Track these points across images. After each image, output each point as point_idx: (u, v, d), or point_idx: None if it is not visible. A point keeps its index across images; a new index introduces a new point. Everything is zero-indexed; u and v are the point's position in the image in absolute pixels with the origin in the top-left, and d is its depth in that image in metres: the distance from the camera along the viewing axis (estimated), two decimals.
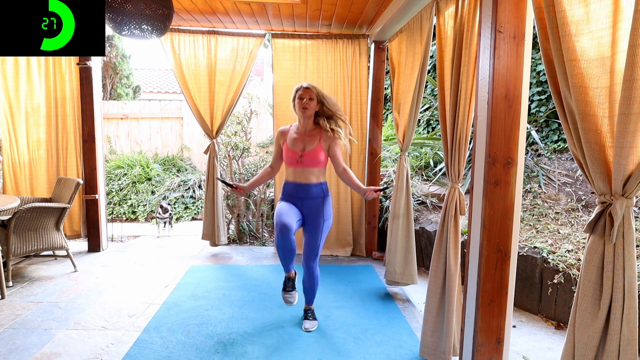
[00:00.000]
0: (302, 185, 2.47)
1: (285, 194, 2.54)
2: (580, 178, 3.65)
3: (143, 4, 2.39)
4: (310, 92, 2.43)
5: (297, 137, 2.50)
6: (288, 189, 2.52)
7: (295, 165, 2.46)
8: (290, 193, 2.50)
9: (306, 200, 2.47)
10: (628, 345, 1.18)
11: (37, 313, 2.76)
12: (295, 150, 2.46)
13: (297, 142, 2.48)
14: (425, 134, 5.66)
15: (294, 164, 2.46)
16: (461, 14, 2.07)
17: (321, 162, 2.47)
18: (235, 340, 2.48)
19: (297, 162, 2.45)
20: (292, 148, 2.47)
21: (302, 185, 2.46)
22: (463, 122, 2.06)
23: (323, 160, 2.48)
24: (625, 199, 1.18)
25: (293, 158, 2.45)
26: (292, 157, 2.46)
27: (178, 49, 3.98)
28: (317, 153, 2.44)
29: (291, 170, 2.50)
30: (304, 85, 2.46)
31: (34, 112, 4.08)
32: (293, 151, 2.46)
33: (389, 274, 3.27)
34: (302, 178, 2.46)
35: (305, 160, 2.43)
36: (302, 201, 2.47)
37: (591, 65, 1.23)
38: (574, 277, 2.72)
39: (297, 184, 2.48)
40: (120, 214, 5.96)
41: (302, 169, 2.45)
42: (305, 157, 2.43)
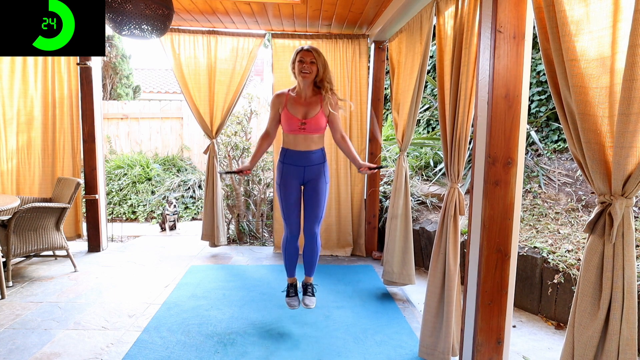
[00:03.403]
0: (303, 153, 2.43)
1: (285, 162, 2.47)
2: (580, 178, 3.65)
3: (143, 4, 2.39)
4: (311, 56, 2.35)
5: (297, 102, 2.42)
6: (289, 157, 2.46)
7: (296, 132, 2.40)
8: (291, 161, 2.45)
9: (308, 167, 2.45)
10: (627, 345, 1.18)
11: (37, 313, 2.76)
12: (296, 116, 2.39)
13: (298, 108, 2.41)
14: (425, 134, 5.66)
15: (296, 130, 2.40)
16: (461, 14, 2.07)
17: (322, 128, 2.44)
18: (235, 340, 2.48)
19: (299, 128, 2.38)
20: (293, 114, 2.40)
21: (304, 153, 2.43)
22: (463, 122, 2.06)
23: (324, 126, 2.46)
24: (624, 199, 1.18)
25: (295, 125, 2.39)
26: (294, 123, 2.39)
27: (178, 49, 3.98)
28: (319, 119, 2.40)
29: (292, 137, 2.43)
30: (304, 47, 2.37)
31: (27, 111, 4.04)
32: (295, 117, 2.39)
33: (387, 274, 3.27)
34: (303, 145, 2.42)
35: (308, 127, 2.38)
36: (304, 168, 2.44)
37: (591, 65, 1.23)
38: (574, 277, 2.72)
39: (298, 152, 2.43)
40: (120, 214, 5.97)
41: (304, 135, 2.40)
42: (308, 124, 2.38)
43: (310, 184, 2.48)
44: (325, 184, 2.51)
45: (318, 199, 2.48)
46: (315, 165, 2.47)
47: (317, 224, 2.52)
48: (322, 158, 2.51)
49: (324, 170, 2.51)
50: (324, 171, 2.52)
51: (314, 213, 2.50)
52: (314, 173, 2.47)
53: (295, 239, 2.56)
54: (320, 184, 2.48)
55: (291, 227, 2.52)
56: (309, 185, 2.48)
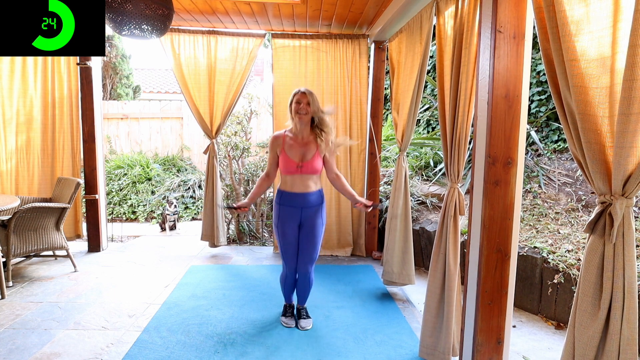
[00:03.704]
0: (301, 195, 2.45)
1: (282, 204, 2.49)
2: (580, 178, 3.65)
3: (143, 4, 2.39)
4: (307, 98, 2.39)
5: (294, 144, 2.45)
6: (286, 199, 2.48)
7: (294, 173, 2.43)
8: (289, 203, 2.47)
9: (305, 209, 2.47)
10: (628, 345, 1.18)
11: (37, 313, 2.76)
12: (293, 159, 2.42)
13: (295, 150, 2.44)
14: (425, 134, 5.66)
15: (293, 172, 2.43)
16: (461, 14, 2.07)
17: (319, 170, 2.48)
18: (235, 340, 2.48)
19: (296, 170, 2.42)
20: (290, 157, 2.43)
21: (302, 195, 2.45)
22: (463, 122, 2.06)
23: (321, 167, 2.50)
24: (625, 199, 1.18)
25: (292, 167, 2.42)
26: (291, 166, 2.42)
27: (178, 49, 3.98)
28: (315, 160, 2.43)
29: (289, 179, 2.46)
30: (301, 90, 2.42)
31: (27, 111, 4.03)
32: (292, 160, 2.42)
33: (387, 274, 3.27)
34: (301, 187, 2.44)
35: (304, 169, 2.42)
36: (301, 210, 2.46)
37: (591, 65, 1.23)
38: (574, 277, 2.72)
39: (294, 194, 2.45)
40: (120, 214, 5.97)
41: (300, 176, 2.43)
42: (305, 166, 2.41)
43: (306, 225, 2.49)
44: (321, 225, 2.53)
45: (314, 240, 2.50)
46: (312, 207, 2.48)
47: (311, 264, 2.56)
48: (320, 199, 2.52)
49: (321, 211, 2.52)
50: (321, 213, 2.53)
51: (308, 254, 2.53)
52: (311, 214, 2.48)
53: (294, 275, 2.62)
54: (317, 225, 2.50)
55: (289, 265, 2.57)
56: (306, 226, 2.50)
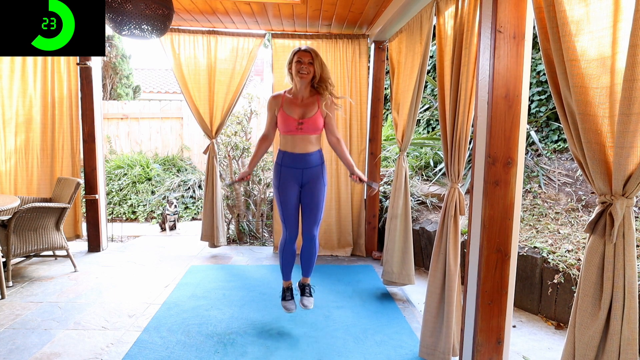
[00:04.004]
0: (301, 155, 2.40)
1: (283, 165, 2.44)
2: (580, 178, 3.65)
3: (143, 4, 2.39)
4: (309, 56, 2.32)
5: (293, 103, 2.39)
6: (287, 160, 2.43)
7: (293, 133, 2.37)
8: (288, 164, 2.42)
9: (306, 170, 2.42)
10: (628, 345, 1.18)
11: (37, 313, 2.76)
12: (293, 116, 2.36)
13: (294, 109, 2.38)
14: (425, 134, 5.66)
15: (293, 131, 2.37)
16: (461, 14, 2.07)
17: (320, 128, 2.42)
18: (235, 340, 2.48)
19: (296, 129, 2.35)
20: (290, 115, 2.37)
21: (302, 155, 2.40)
22: (463, 122, 2.06)
23: (322, 127, 2.43)
24: (625, 199, 1.18)
25: (292, 125, 2.36)
26: (291, 124, 2.36)
27: (178, 49, 3.98)
28: (316, 119, 2.37)
29: (289, 138, 2.40)
30: (302, 48, 2.34)
31: (26, 111, 4.03)
32: (291, 118, 2.36)
33: (387, 274, 3.27)
34: (300, 147, 2.39)
35: (305, 127, 2.35)
36: (302, 171, 2.42)
37: (591, 65, 1.23)
38: (574, 277, 2.72)
39: (295, 155, 2.40)
40: (120, 214, 5.97)
41: (301, 136, 2.37)
42: (305, 124, 2.35)
43: (309, 187, 2.45)
44: (323, 186, 2.48)
45: (317, 201, 2.45)
46: (313, 167, 2.44)
47: (315, 226, 2.51)
48: (320, 160, 2.48)
49: (322, 172, 2.48)
50: (322, 173, 2.49)
51: (313, 216, 2.48)
52: (312, 175, 2.44)
53: (293, 242, 2.55)
54: (319, 186, 2.46)
55: (290, 230, 2.50)
56: (307, 188, 2.45)
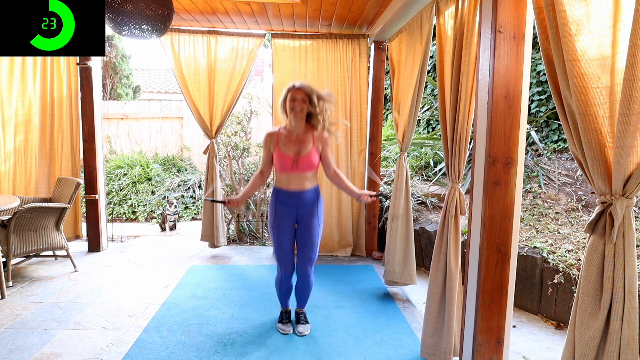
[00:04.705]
0: (297, 193, 2.38)
1: (278, 203, 2.43)
2: (580, 178, 3.65)
3: (143, 4, 2.39)
4: (302, 94, 2.30)
5: (289, 140, 2.37)
6: (282, 198, 2.41)
7: (289, 171, 2.35)
8: (284, 202, 2.41)
9: (301, 208, 2.40)
10: (628, 345, 1.18)
11: (37, 313, 2.76)
12: (288, 154, 2.34)
13: (290, 146, 2.36)
14: (425, 134, 5.66)
15: (288, 169, 2.35)
16: (461, 14, 2.07)
17: (315, 166, 2.40)
18: (235, 340, 2.48)
19: (291, 167, 2.34)
20: (285, 153, 2.35)
21: (297, 193, 2.38)
22: (463, 122, 2.06)
23: (317, 164, 2.41)
24: (625, 199, 1.18)
25: (287, 163, 2.34)
26: (286, 162, 2.34)
27: (178, 49, 3.98)
28: (311, 157, 2.35)
29: (284, 177, 2.38)
30: (296, 85, 2.32)
31: (25, 111, 4.02)
32: (287, 156, 2.34)
33: (388, 274, 3.27)
34: (296, 185, 2.37)
35: (300, 165, 2.33)
36: (297, 209, 2.40)
37: (591, 65, 1.23)
38: (574, 277, 2.72)
39: (291, 192, 2.38)
40: (120, 214, 5.97)
41: (296, 174, 2.35)
42: (300, 162, 2.33)
43: (303, 224, 2.43)
44: (318, 224, 2.46)
45: (311, 240, 2.44)
46: (308, 204, 2.41)
47: (310, 265, 2.50)
48: (316, 197, 2.46)
49: (317, 210, 2.45)
50: (318, 211, 2.46)
51: (307, 255, 2.47)
52: (307, 212, 2.42)
53: (289, 279, 2.56)
54: (313, 224, 2.43)
55: (285, 268, 2.50)
56: (302, 225, 2.44)
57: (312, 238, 2.44)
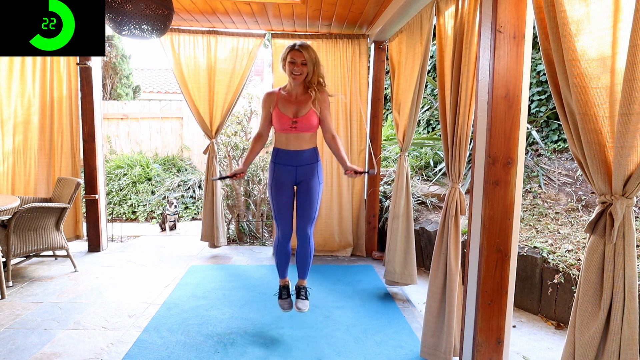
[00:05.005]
0: (295, 152, 2.39)
1: (277, 162, 2.44)
2: (580, 178, 3.65)
3: (143, 4, 2.39)
4: (302, 57, 2.29)
5: (288, 101, 2.38)
6: (281, 157, 2.42)
7: (288, 131, 2.36)
8: (283, 161, 2.42)
9: (300, 167, 2.41)
10: (629, 345, 1.18)
11: (37, 313, 2.76)
12: (288, 115, 2.35)
13: (289, 107, 2.37)
14: (425, 134, 5.66)
15: (287, 129, 2.35)
16: (461, 14, 2.07)
17: (314, 127, 2.40)
18: (235, 340, 2.47)
19: (290, 127, 2.34)
20: (284, 113, 2.35)
21: (296, 152, 2.39)
22: (463, 122, 2.06)
23: (316, 125, 2.41)
24: (625, 199, 1.18)
25: (286, 123, 2.34)
26: (285, 122, 2.35)
27: (178, 49, 3.98)
28: (310, 117, 2.36)
29: (284, 136, 2.40)
30: (296, 46, 2.30)
31: (25, 111, 4.01)
32: (286, 116, 2.35)
33: (389, 274, 3.27)
34: (295, 145, 2.38)
35: (299, 125, 2.34)
36: (296, 168, 2.41)
37: (591, 65, 1.23)
38: (574, 277, 2.72)
39: (290, 152, 2.39)
40: (120, 214, 5.97)
41: (295, 134, 2.37)
42: (299, 122, 2.34)
43: (303, 184, 2.44)
44: (318, 184, 2.46)
45: (311, 199, 2.43)
46: (307, 165, 2.43)
47: (310, 225, 2.48)
48: (315, 157, 2.47)
49: (316, 170, 2.47)
50: (317, 171, 2.47)
51: (307, 214, 2.45)
52: (306, 173, 2.43)
53: (287, 241, 2.54)
54: (313, 183, 2.44)
55: (283, 228, 2.49)
56: (302, 186, 2.44)
57: (312, 197, 2.43)
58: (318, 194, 2.46)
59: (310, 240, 2.51)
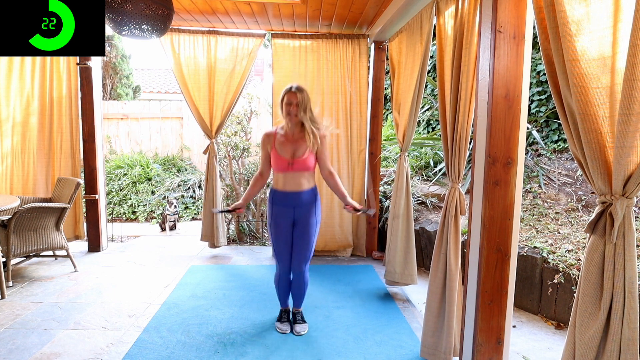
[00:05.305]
0: (293, 194, 2.40)
1: (276, 203, 2.45)
2: (580, 178, 3.65)
3: (143, 4, 2.39)
4: (297, 98, 2.32)
5: (285, 141, 2.40)
6: (279, 198, 2.44)
7: (285, 171, 2.38)
8: (281, 202, 2.43)
9: (298, 208, 2.42)
10: (629, 345, 1.18)
11: (37, 313, 2.76)
12: (284, 156, 2.37)
13: (286, 147, 2.39)
14: (425, 134, 5.66)
15: (284, 169, 2.38)
16: (461, 14, 2.07)
17: (311, 167, 2.42)
18: (235, 340, 2.47)
19: (287, 167, 2.37)
20: (281, 154, 2.38)
21: (294, 194, 2.40)
22: (463, 122, 2.06)
23: (313, 165, 2.44)
24: (625, 199, 1.18)
25: (283, 164, 2.37)
26: (282, 163, 2.37)
27: (178, 49, 3.98)
28: (307, 158, 2.38)
29: (281, 177, 2.41)
30: (293, 88, 2.34)
31: (24, 110, 4.01)
32: (283, 157, 2.37)
33: (389, 274, 3.27)
34: (293, 185, 2.40)
35: (296, 165, 2.36)
36: (293, 209, 2.42)
37: (591, 65, 1.23)
38: (574, 277, 2.72)
39: (288, 193, 2.41)
40: (120, 214, 5.97)
41: (292, 174, 2.38)
42: (295, 163, 2.36)
43: (300, 223, 2.45)
44: (315, 224, 2.48)
45: (307, 238, 2.45)
46: (305, 205, 2.43)
47: (305, 263, 2.51)
48: (313, 197, 2.47)
49: (314, 209, 2.48)
50: (315, 211, 2.48)
51: (302, 253, 2.48)
52: (304, 213, 2.44)
53: (287, 275, 2.58)
54: (310, 223, 2.45)
55: (283, 265, 2.53)
56: (299, 224, 2.45)
57: (308, 237, 2.46)
58: (315, 232, 2.49)
59: (306, 276, 2.57)
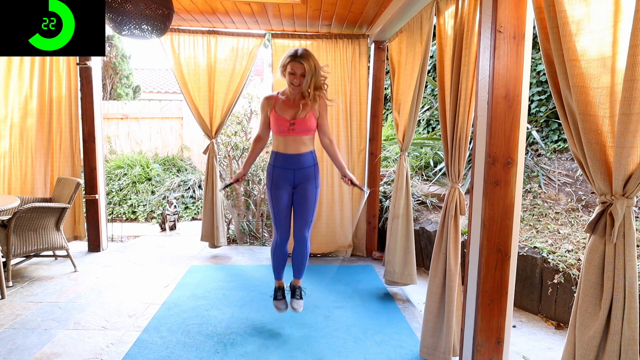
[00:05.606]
0: (293, 156, 2.40)
1: (275, 166, 2.45)
2: (580, 178, 3.65)
3: (143, 4, 2.38)
4: (302, 68, 2.26)
5: (286, 104, 2.39)
6: (279, 161, 2.43)
7: (285, 134, 2.37)
8: (281, 165, 2.43)
9: (298, 170, 2.42)
10: (629, 345, 1.18)
11: (37, 313, 2.76)
12: (285, 117, 2.36)
13: (287, 109, 2.37)
14: (425, 134, 5.66)
15: (285, 132, 2.36)
16: (461, 14, 2.07)
17: (312, 129, 2.41)
18: (235, 340, 2.47)
19: (287, 130, 2.35)
20: (282, 115, 2.37)
21: (294, 156, 2.40)
22: (463, 122, 2.06)
23: (314, 127, 2.43)
24: (625, 199, 1.17)
25: (284, 126, 2.36)
26: (283, 125, 2.36)
27: (178, 49, 3.98)
28: (308, 120, 2.37)
29: (281, 139, 2.41)
30: (297, 55, 2.26)
31: (22, 110, 4.00)
32: (283, 119, 2.36)
33: (388, 274, 3.27)
34: (293, 148, 2.39)
35: (297, 127, 2.35)
36: (294, 172, 2.42)
37: (592, 65, 1.23)
38: (574, 277, 2.72)
39: (288, 155, 2.41)
40: (120, 214, 5.96)
41: (293, 137, 2.38)
42: (297, 124, 2.35)
43: (300, 188, 2.45)
44: (315, 187, 2.48)
45: (307, 202, 2.45)
46: (305, 168, 2.44)
47: (307, 228, 2.50)
48: (313, 161, 2.47)
49: (314, 173, 2.48)
50: (315, 175, 2.48)
51: (304, 217, 2.47)
52: (304, 176, 2.44)
53: (284, 243, 2.56)
54: (310, 187, 2.45)
55: (281, 231, 2.50)
56: (299, 189, 2.45)
57: (309, 200, 2.45)
58: (315, 197, 2.48)
59: (307, 243, 2.54)
